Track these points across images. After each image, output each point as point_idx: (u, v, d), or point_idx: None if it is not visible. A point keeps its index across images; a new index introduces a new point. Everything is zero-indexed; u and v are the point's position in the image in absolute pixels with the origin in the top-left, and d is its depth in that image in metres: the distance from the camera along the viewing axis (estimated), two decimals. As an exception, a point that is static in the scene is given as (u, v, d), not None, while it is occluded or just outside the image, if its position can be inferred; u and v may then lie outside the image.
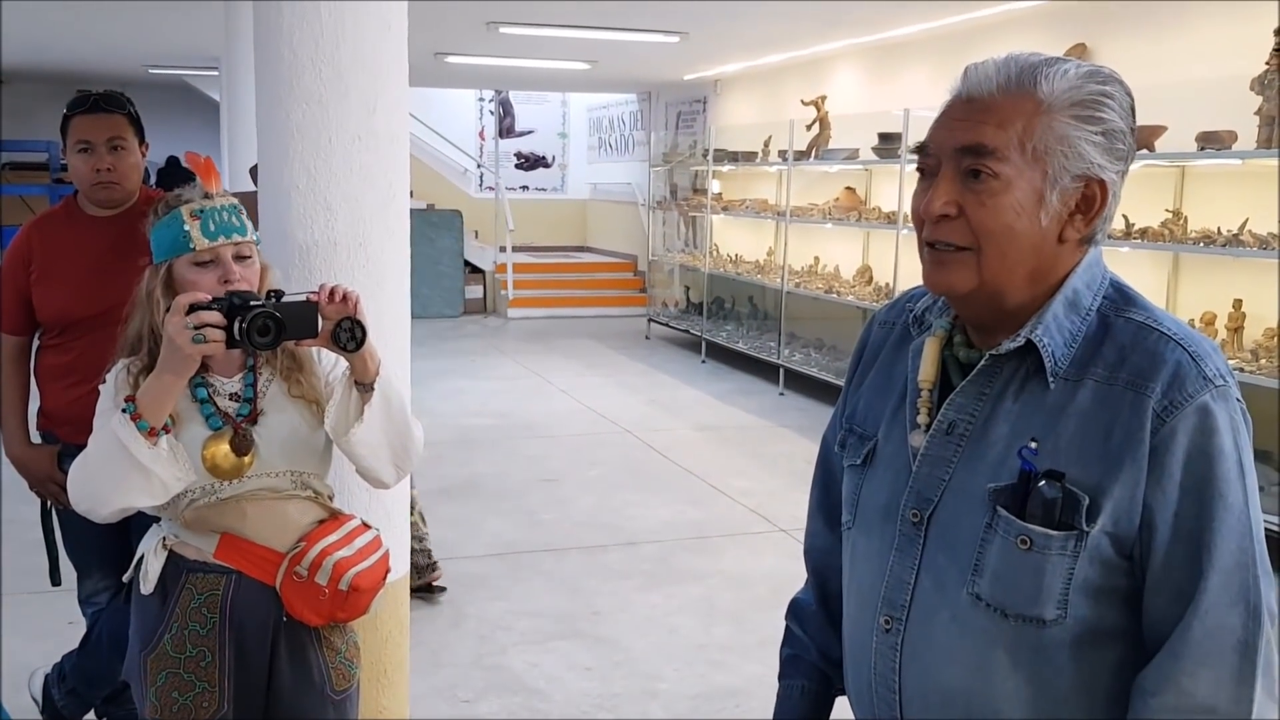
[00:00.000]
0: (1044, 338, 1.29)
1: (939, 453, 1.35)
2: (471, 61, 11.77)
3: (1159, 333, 1.28)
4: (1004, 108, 1.27)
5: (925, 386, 1.38)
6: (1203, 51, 6.37)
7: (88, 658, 3.26)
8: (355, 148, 2.59)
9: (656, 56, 11.06)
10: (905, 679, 1.38)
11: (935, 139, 1.32)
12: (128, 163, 3.07)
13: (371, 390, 2.18)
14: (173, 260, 2.14)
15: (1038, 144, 1.26)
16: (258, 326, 2.01)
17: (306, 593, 2.18)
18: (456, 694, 3.96)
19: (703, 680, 4.08)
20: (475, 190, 17.14)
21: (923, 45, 8.85)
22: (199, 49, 10.86)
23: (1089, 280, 1.33)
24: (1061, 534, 1.25)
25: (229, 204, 2.17)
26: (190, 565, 2.19)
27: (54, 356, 3.10)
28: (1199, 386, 1.24)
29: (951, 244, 1.30)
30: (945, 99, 1.34)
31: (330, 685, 2.29)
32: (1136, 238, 6.17)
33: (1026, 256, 1.29)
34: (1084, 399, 1.27)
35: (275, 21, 2.55)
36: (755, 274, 10.86)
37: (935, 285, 1.34)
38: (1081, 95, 1.28)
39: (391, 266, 2.71)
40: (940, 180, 1.30)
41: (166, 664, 2.17)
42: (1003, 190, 1.26)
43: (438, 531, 5.58)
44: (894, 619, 1.38)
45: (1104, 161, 1.29)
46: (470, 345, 12.09)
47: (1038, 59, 1.30)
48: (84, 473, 2.11)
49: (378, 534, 2.33)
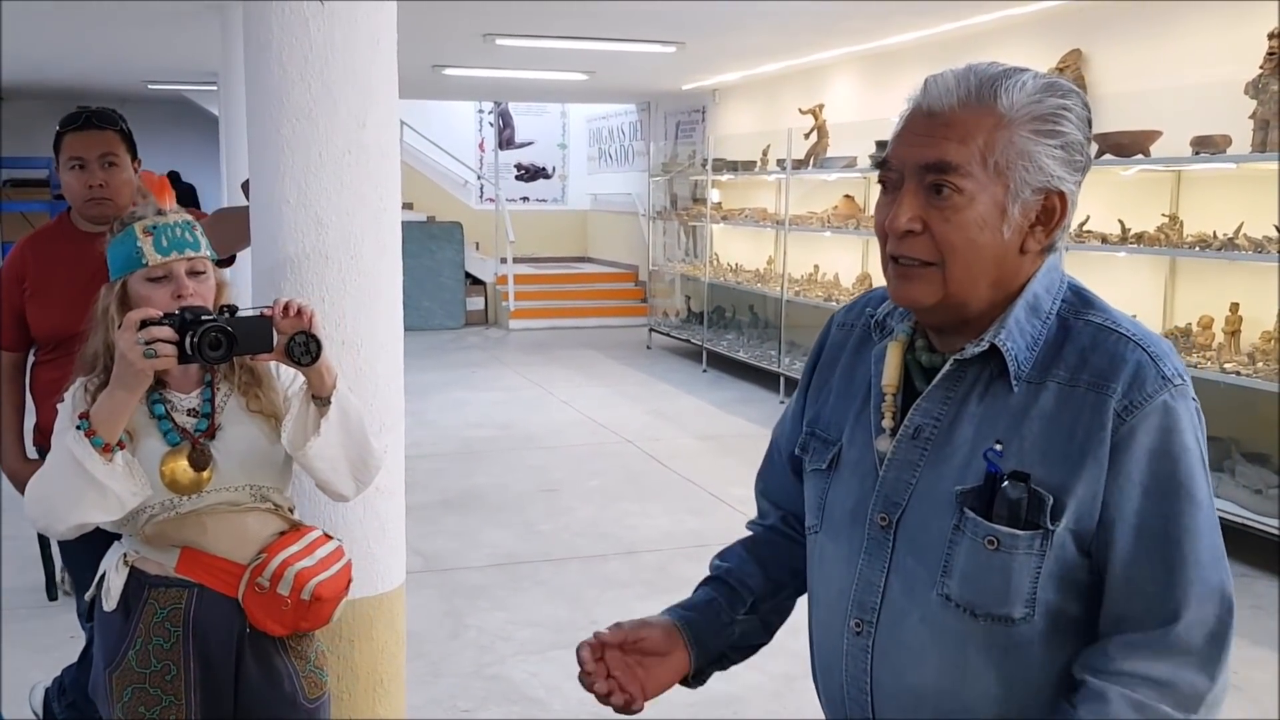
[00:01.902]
0: (1007, 342, 1.31)
1: (905, 457, 1.37)
2: (469, 74, 11.79)
3: (1118, 334, 1.30)
4: (965, 123, 1.28)
5: (889, 391, 1.40)
6: (1197, 56, 6.38)
7: (87, 671, 3.26)
8: (345, 161, 2.60)
9: (654, 66, 11.08)
10: (877, 681, 1.39)
11: (897, 154, 1.33)
12: (120, 179, 3.09)
13: (329, 404, 2.19)
14: (127, 277, 2.16)
15: (999, 159, 1.27)
16: (209, 341, 2.02)
17: (269, 604, 2.19)
18: (457, 704, 3.96)
19: (702, 689, 4.07)
20: (476, 202, 17.17)
21: (919, 53, 8.86)
22: (198, 64, 10.89)
23: (1048, 285, 1.35)
24: (1028, 533, 1.27)
25: (182, 220, 2.19)
26: (152, 580, 2.20)
27: (48, 372, 3.11)
28: (1158, 386, 1.26)
29: (916, 259, 1.31)
30: (904, 109, 1.34)
31: (303, 694, 2.30)
32: (1133, 242, 6.18)
33: (989, 268, 1.31)
34: (1047, 401, 1.29)
35: (265, 37, 2.57)
36: (755, 283, 10.86)
37: (901, 299, 1.36)
38: (1042, 110, 1.29)
39: (384, 279, 2.72)
40: (904, 196, 1.31)
41: (132, 679, 2.18)
42: (966, 205, 1.28)
43: (439, 542, 5.59)
44: (864, 621, 1.39)
45: (1063, 173, 1.30)
46: (471, 357, 12.11)
47: (996, 70, 1.31)
48: (40, 489, 2.12)
49: (339, 544, 2.34)
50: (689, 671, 1.56)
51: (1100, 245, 6.34)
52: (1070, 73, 7.12)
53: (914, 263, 1.31)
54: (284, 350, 2.12)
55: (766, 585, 1.63)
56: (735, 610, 1.60)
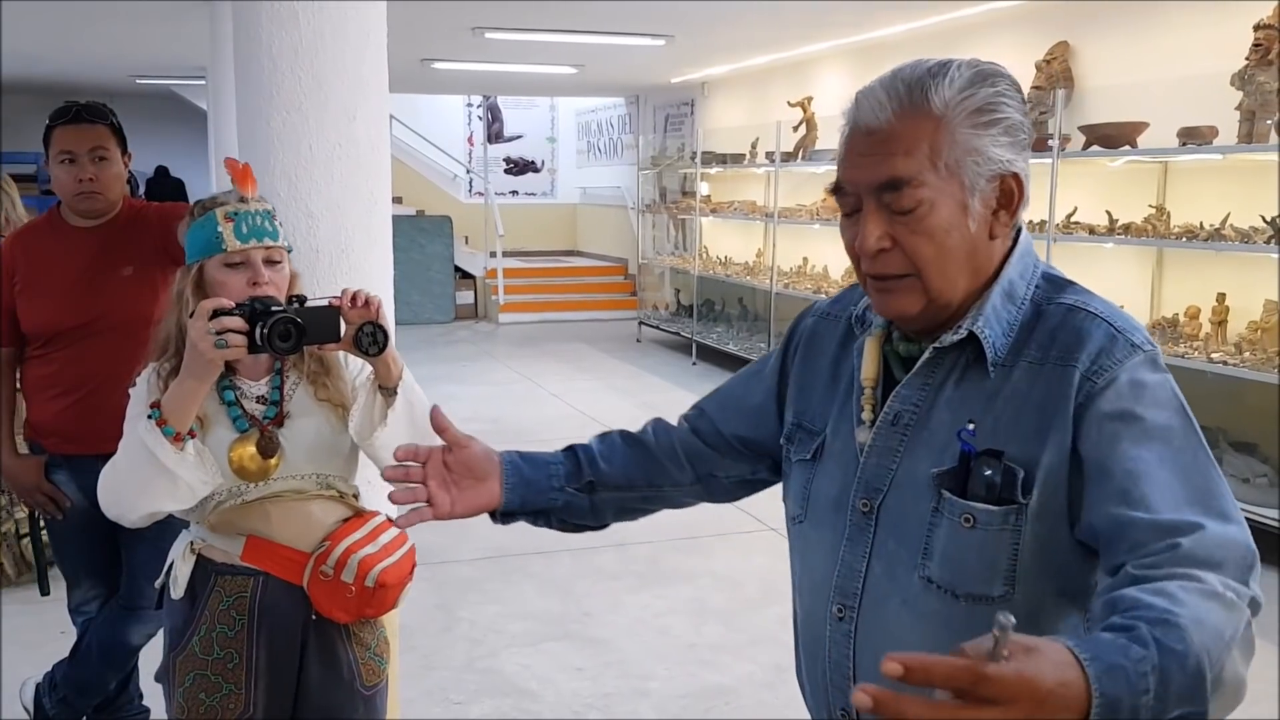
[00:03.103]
0: (985, 329, 1.33)
1: (885, 443, 1.39)
2: (458, 67, 11.77)
3: (1086, 312, 1.32)
4: (905, 134, 1.28)
5: (868, 385, 1.42)
6: (1184, 48, 6.40)
7: (78, 666, 3.27)
8: (336, 155, 2.60)
9: (643, 60, 11.08)
10: (860, 666, 1.40)
11: (849, 178, 1.33)
12: (110, 173, 3.08)
13: (395, 394, 2.20)
14: (204, 261, 2.15)
15: (948, 159, 1.28)
16: (279, 332, 2.02)
17: (334, 591, 2.19)
18: (449, 697, 3.97)
19: (693, 679, 4.09)
20: (465, 196, 17.15)
21: (907, 45, 8.87)
22: (186, 58, 10.86)
23: (1022, 270, 1.37)
24: (1002, 509, 1.28)
25: (263, 209, 2.19)
26: (218, 568, 2.21)
27: (39, 367, 3.11)
28: (1127, 352, 1.28)
29: (893, 274, 1.32)
30: (843, 127, 1.35)
31: (360, 681, 2.31)
32: (1120, 234, 6.20)
33: (964, 264, 1.33)
34: (1018, 380, 1.31)
35: (254, 30, 2.57)
36: (745, 275, 10.88)
37: (887, 312, 1.37)
38: (976, 103, 1.29)
39: (375, 274, 2.73)
40: (867, 217, 1.31)
41: (194, 665, 2.20)
42: (929, 214, 1.28)
43: (429, 536, 5.59)
44: (846, 607, 1.41)
45: (1011, 156, 1.31)
46: (461, 351, 12.10)
47: (922, 71, 1.30)
48: (112, 478, 2.12)
49: (403, 529, 2.35)
50: (498, 507, 1.61)
51: (1088, 236, 6.36)
52: (1058, 65, 7.15)
53: (894, 278, 1.32)
54: (351, 340, 2.13)
55: (617, 478, 1.67)
56: (569, 481, 1.64)
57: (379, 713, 2.37)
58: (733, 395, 1.70)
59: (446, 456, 1.57)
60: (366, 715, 2.33)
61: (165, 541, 2.36)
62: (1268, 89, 5.46)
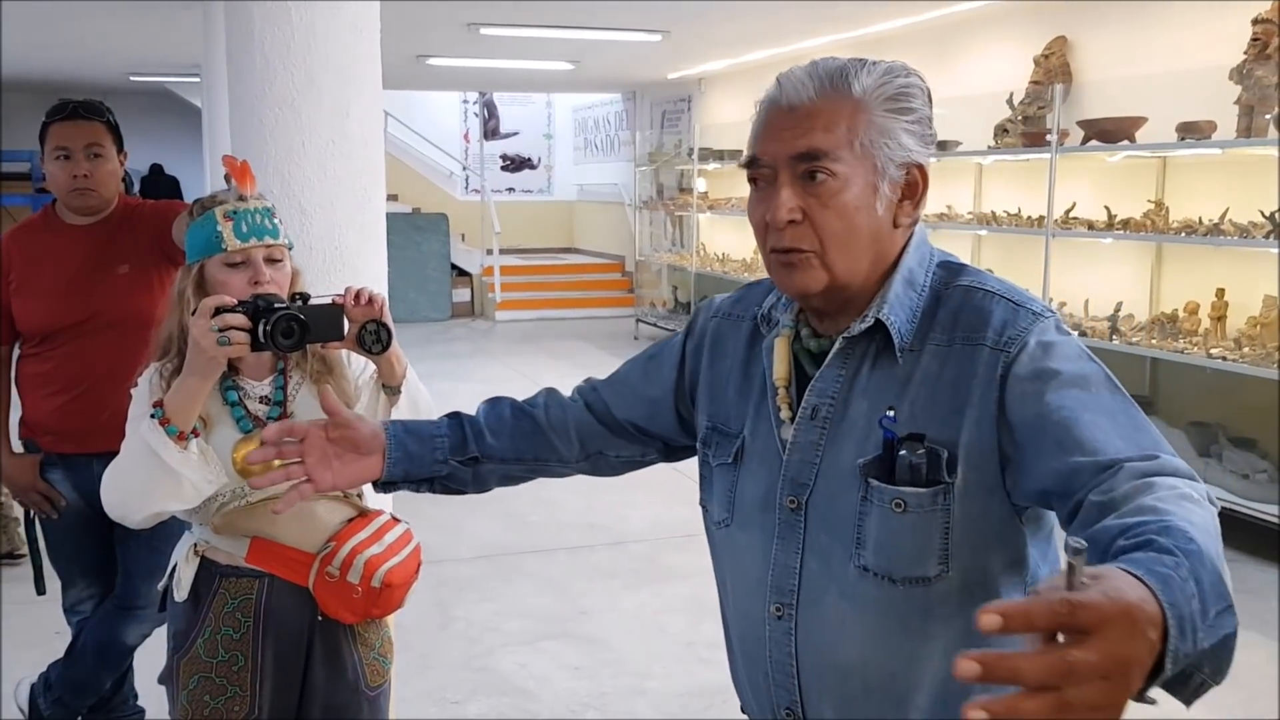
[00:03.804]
0: (890, 315, 1.36)
1: (806, 438, 1.41)
2: (453, 64, 11.76)
3: (983, 290, 1.37)
4: (826, 111, 1.33)
5: (781, 384, 1.44)
6: (1182, 42, 6.39)
7: (73, 667, 3.25)
8: (329, 152, 2.58)
9: (639, 55, 11.06)
10: (802, 663, 1.41)
11: (766, 150, 1.37)
12: (105, 170, 3.06)
13: (399, 393, 2.20)
14: (205, 261, 2.13)
15: (864, 139, 1.33)
16: (282, 329, 2.00)
17: (340, 592, 2.18)
18: (445, 696, 3.95)
19: (691, 678, 4.08)
20: (461, 193, 17.13)
21: (904, 41, 8.86)
22: (180, 56, 10.84)
23: (920, 259, 1.41)
24: (930, 490, 1.31)
25: (263, 207, 2.17)
26: (223, 570, 2.19)
27: (34, 365, 3.09)
28: (1030, 320, 1.32)
29: (800, 249, 1.35)
30: (759, 110, 1.41)
31: (365, 682, 2.30)
32: (1119, 229, 6.18)
33: (869, 247, 1.36)
34: (928, 364, 1.35)
35: (247, 26, 2.55)
36: (742, 272, 10.87)
37: (789, 289, 1.40)
38: (892, 90, 1.35)
39: (369, 271, 2.71)
40: (780, 188, 1.34)
41: (198, 668, 2.18)
42: (842, 189, 1.32)
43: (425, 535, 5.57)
44: (784, 605, 1.42)
45: (919, 147, 1.37)
46: (458, 348, 12.09)
47: (843, 60, 1.37)
48: (116, 479, 2.10)
49: (408, 527, 2.34)
50: (380, 479, 1.62)
51: (1086, 232, 6.34)
52: (1056, 59, 7.14)
53: (799, 252, 1.35)
54: (355, 339, 2.11)
55: (504, 451, 1.68)
56: (455, 454, 1.65)
57: (382, 713, 2.36)
58: (629, 382, 1.71)
59: (330, 433, 1.57)
60: (371, 716, 2.32)
61: (160, 541, 2.34)
62: (1266, 83, 5.44)
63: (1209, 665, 0.96)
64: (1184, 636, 0.90)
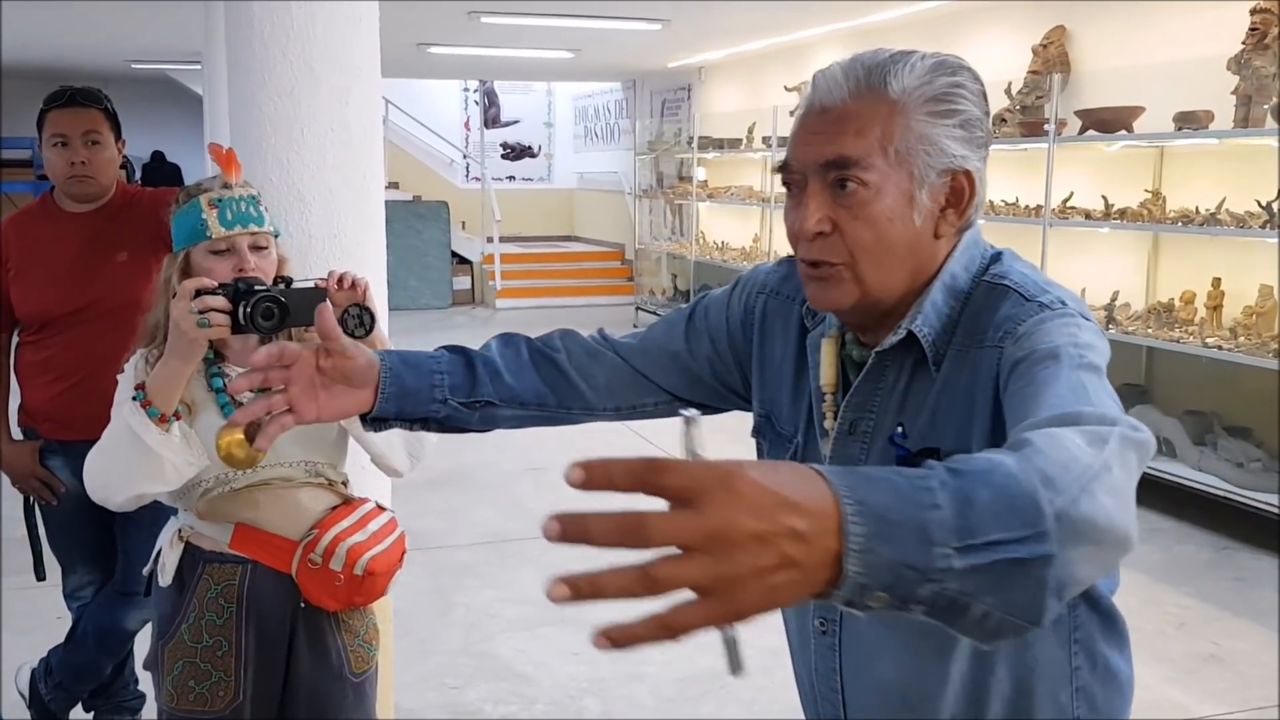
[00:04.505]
0: (923, 327, 1.28)
1: (845, 453, 1.35)
2: (454, 52, 11.74)
3: (1000, 285, 1.28)
4: (859, 114, 1.24)
5: (828, 391, 1.37)
6: (1180, 32, 6.39)
7: (74, 652, 3.27)
8: (328, 140, 2.59)
9: (640, 44, 11.05)
10: (846, 679, 1.40)
11: (796, 156, 1.28)
12: (103, 157, 3.08)
13: None
14: (190, 249, 2.15)
15: (899, 146, 1.23)
16: (262, 311, 2.01)
17: (322, 579, 2.19)
18: (445, 681, 3.98)
19: (689, 664, 4.10)
20: (461, 181, 17.13)
21: (904, 30, 8.86)
22: (181, 43, 10.83)
23: (966, 262, 1.31)
24: None
25: (248, 194, 2.18)
26: (206, 556, 2.20)
27: (33, 353, 3.10)
28: (1032, 311, 1.22)
29: (829, 261, 1.27)
30: (799, 109, 1.31)
31: (349, 668, 2.30)
32: (1116, 218, 6.20)
33: (904, 260, 1.27)
34: (948, 370, 1.27)
35: (246, 14, 2.56)
36: (741, 261, 10.87)
37: (820, 303, 1.31)
38: (934, 90, 1.25)
39: (368, 259, 2.72)
40: (809, 198, 1.26)
41: (183, 653, 2.19)
42: (873, 199, 1.24)
43: (425, 521, 5.60)
44: (828, 620, 1.40)
45: (966, 152, 1.26)
46: (459, 336, 12.08)
47: (883, 56, 1.27)
48: (98, 461, 2.12)
49: (393, 516, 2.34)
50: (370, 413, 1.45)
51: (1083, 221, 6.35)
52: (1054, 49, 7.14)
53: (828, 265, 1.27)
54: (338, 323, 2.12)
55: (524, 395, 1.55)
56: (455, 394, 1.49)
57: (368, 700, 2.37)
58: (657, 341, 1.60)
59: (322, 362, 1.41)
60: (356, 702, 2.33)
61: (160, 527, 2.35)
62: (1264, 73, 5.45)
63: (991, 595, 0.83)
64: (891, 542, 0.78)
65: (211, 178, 2.21)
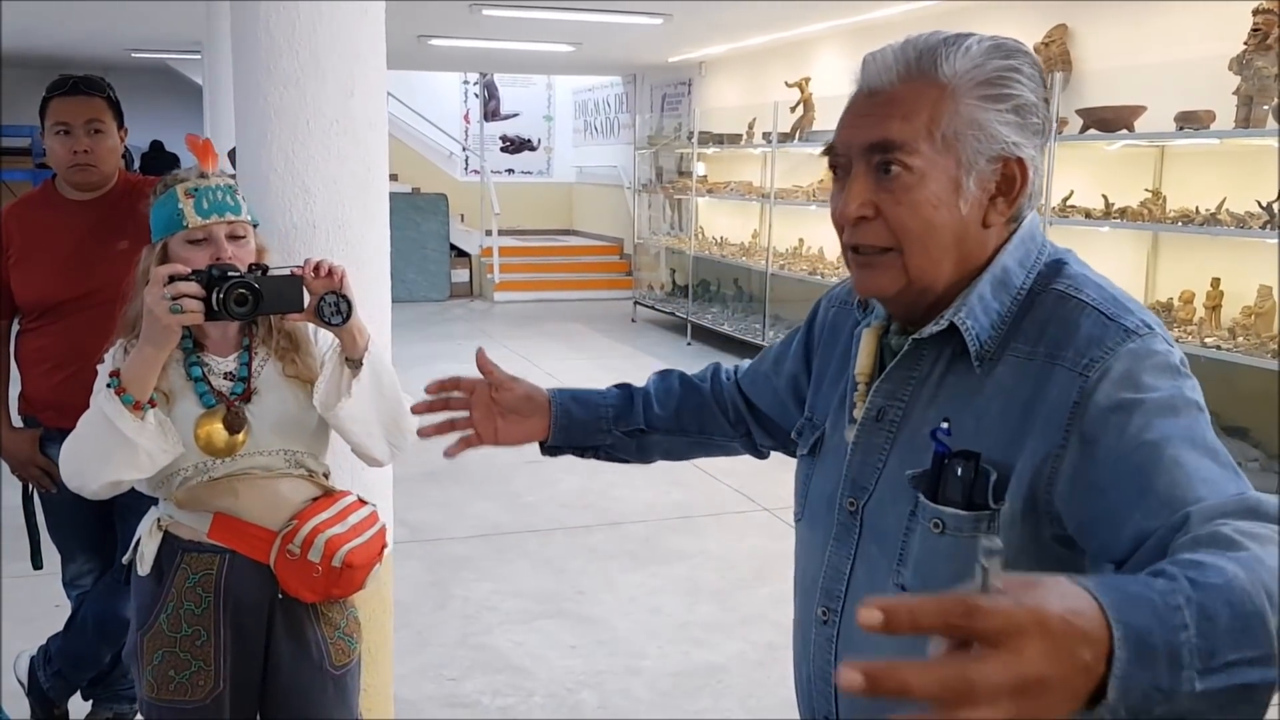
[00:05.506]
0: (967, 320, 1.23)
1: (870, 440, 1.32)
2: (454, 44, 11.74)
3: (1076, 300, 1.21)
4: (907, 98, 1.20)
5: (862, 379, 1.35)
6: (1182, 32, 6.39)
7: (73, 640, 3.28)
8: (333, 131, 2.59)
9: (640, 39, 11.04)
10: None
11: (842, 138, 1.25)
12: (105, 145, 3.08)
13: (360, 366, 2.19)
14: (168, 238, 2.15)
15: (947, 131, 1.19)
16: (235, 297, 2.01)
17: (300, 570, 2.18)
18: (442, 673, 3.98)
19: (686, 658, 4.11)
20: (461, 174, 17.12)
21: (905, 26, 8.84)
22: (181, 32, 10.81)
23: (1021, 258, 1.26)
24: (972, 515, 1.19)
25: (224, 184, 2.18)
26: (185, 545, 2.20)
27: (33, 340, 3.10)
28: (1118, 339, 1.16)
29: (874, 246, 1.24)
30: (850, 91, 1.28)
31: (329, 660, 2.30)
32: (1116, 217, 6.21)
33: (950, 247, 1.23)
34: (1003, 375, 1.21)
35: (252, 5, 2.56)
36: (740, 256, 10.88)
37: (864, 289, 1.29)
38: (986, 73, 1.21)
39: (371, 250, 2.72)
40: (853, 181, 1.24)
41: (162, 643, 2.19)
42: (917, 184, 1.20)
43: (424, 514, 5.61)
44: (830, 609, 1.36)
45: (1019, 139, 1.22)
46: (456, 329, 12.09)
47: (937, 39, 1.23)
48: (73, 447, 2.12)
49: (374, 509, 2.33)
50: (545, 441, 1.66)
51: (1084, 220, 6.36)
52: (1056, 48, 7.14)
53: (872, 250, 1.24)
54: (314, 310, 2.12)
55: (670, 423, 1.68)
56: (619, 424, 1.66)
57: (349, 692, 2.37)
58: (763, 371, 1.68)
59: (492, 392, 1.60)
60: (336, 694, 2.32)
61: (160, 516, 2.36)
62: (1266, 74, 5.45)
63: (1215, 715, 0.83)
64: (1147, 666, 0.78)
65: (189, 168, 2.21)
